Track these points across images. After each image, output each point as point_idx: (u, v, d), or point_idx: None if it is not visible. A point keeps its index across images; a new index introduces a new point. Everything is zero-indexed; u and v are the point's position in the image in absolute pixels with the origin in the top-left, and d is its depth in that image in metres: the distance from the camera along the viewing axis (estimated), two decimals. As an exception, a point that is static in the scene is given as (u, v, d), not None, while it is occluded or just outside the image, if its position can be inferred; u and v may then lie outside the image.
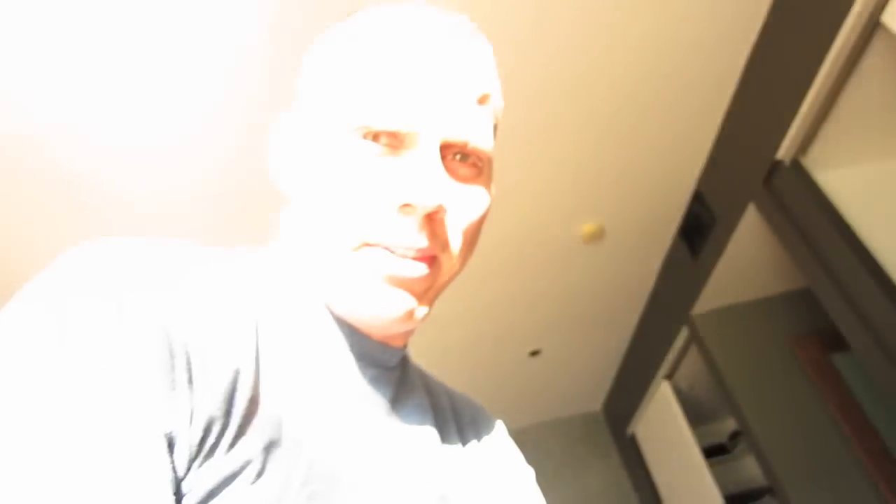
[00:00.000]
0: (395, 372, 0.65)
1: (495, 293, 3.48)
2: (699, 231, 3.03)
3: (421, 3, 0.60)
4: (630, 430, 4.55)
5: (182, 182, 2.40)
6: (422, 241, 0.55)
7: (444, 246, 0.57)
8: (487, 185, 0.62)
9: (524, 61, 2.26)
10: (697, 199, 2.99)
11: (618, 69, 2.37)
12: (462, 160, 0.58)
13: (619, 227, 3.14)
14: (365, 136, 0.55)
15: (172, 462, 0.42)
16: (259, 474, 0.46)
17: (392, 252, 0.55)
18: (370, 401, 0.59)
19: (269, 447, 0.48)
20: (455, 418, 0.75)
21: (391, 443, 0.59)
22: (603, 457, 4.88)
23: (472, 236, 0.61)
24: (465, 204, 0.58)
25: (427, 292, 0.58)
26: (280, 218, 0.66)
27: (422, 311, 0.58)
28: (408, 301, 0.56)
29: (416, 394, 0.68)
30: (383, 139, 0.55)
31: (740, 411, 3.03)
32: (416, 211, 0.54)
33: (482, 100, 0.59)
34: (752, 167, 2.55)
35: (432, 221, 0.56)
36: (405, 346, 0.69)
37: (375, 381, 0.61)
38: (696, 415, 3.89)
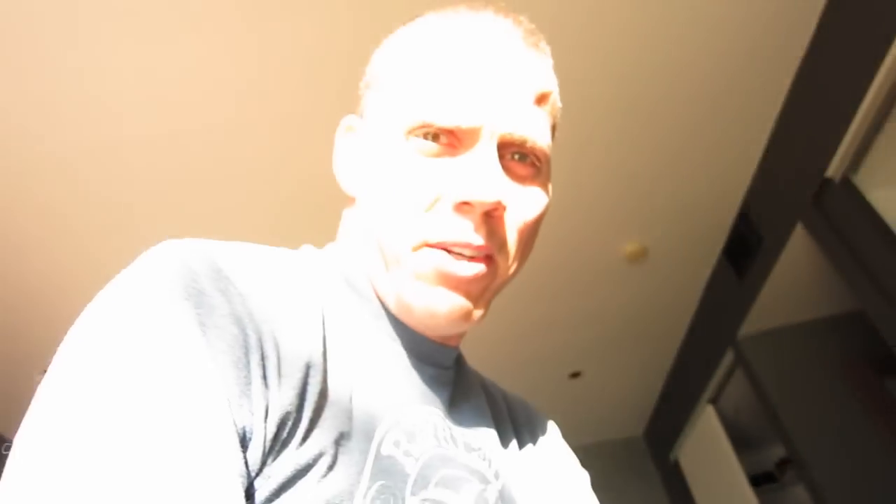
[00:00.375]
0: (450, 371, 0.65)
1: (536, 313, 3.45)
2: (745, 251, 2.97)
3: (479, 5, 0.61)
4: (673, 455, 4.44)
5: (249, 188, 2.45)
6: (478, 239, 0.55)
7: (502, 245, 0.57)
8: (545, 185, 0.62)
9: (567, 79, 2.25)
10: (743, 218, 2.94)
11: (661, 86, 2.35)
12: (520, 160, 0.58)
13: (662, 246, 3.10)
14: (425, 137, 0.56)
15: (245, 458, 0.43)
16: (330, 467, 0.46)
17: (450, 252, 0.55)
18: (429, 399, 0.59)
19: (340, 440, 0.48)
20: (511, 418, 0.74)
21: (452, 441, 0.59)
22: (645, 483, 4.77)
23: (529, 237, 0.61)
24: (522, 203, 0.58)
25: (483, 294, 0.58)
26: (343, 217, 0.67)
27: (478, 312, 0.58)
28: (464, 302, 0.56)
29: (472, 393, 0.68)
30: (442, 139, 0.56)
31: (789, 438, 2.93)
32: (474, 209, 0.54)
33: (541, 99, 0.59)
34: (799, 185, 2.49)
35: (490, 220, 0.56)
36: (458, 347, 0.69)
37: (433, 381, 0.61)
38: (743, 441, 3.78)
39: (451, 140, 0.56)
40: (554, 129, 0.65)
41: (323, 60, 2.03)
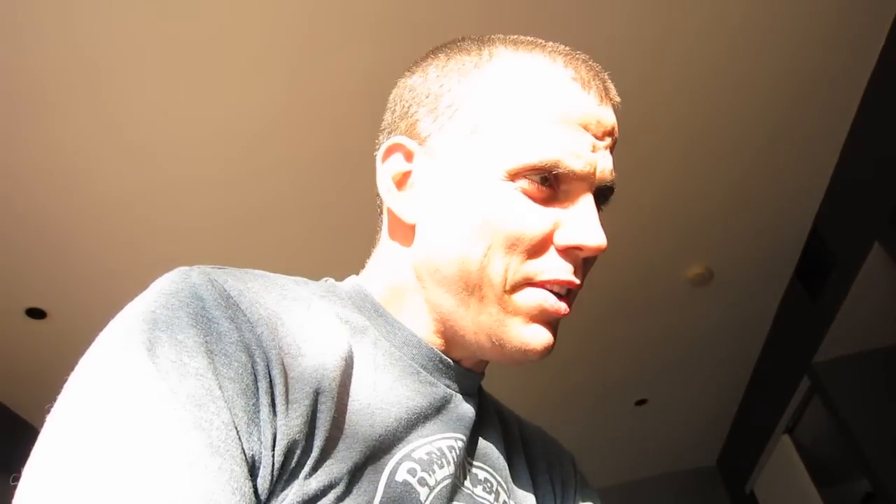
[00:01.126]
0: (475, 399, 0.64)
1: (599, 340, 3.39)
2: (818, 272, 2.84)
3: (552, 44, 0.62)
4: (749, 487, 4.24)
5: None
6: (579, 279, 0.59)
7: (581, 284, 0.61)
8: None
9: (634, 99, 2.23)
10: (815, 237, 2.82)
11: (727, 107, 2.29)
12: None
13: (727, 269, 3.00)
14: (532, 182, 0.57)
15: (255, 486, 0.42)
16: (340, 498, 0.46)
17: (550, 291, 0.58)
18: (452, 426, 0.59)
19: (353, 470, 0.47)
20: (525, 449, 0.73)
21: (465, 471, 0.59)
22: (719, 515, 4.57)
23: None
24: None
25: (557, 328, 0.61)
26: (384, 242, 0.65)
27: (555, 345, 0.61)
28: (552, 338, 0.59)
29: (490, 422, 0.68)
30: (550, 182, 0.57)
31: (873, 471, 2.76)
32: (582, 253, 0.58)
33: (615, 145, 0.63)
34: (875, 203, 2.38)
35: (582, 263, 0.59)
36: (483, 374, 0.68)
37: (457, 408, 0.61)
38: (824, 473, 3.58)
39: (554, 185, 0.58)
40: None
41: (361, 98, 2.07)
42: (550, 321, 0.59)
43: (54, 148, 2.13)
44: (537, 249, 0.57)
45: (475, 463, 0.61)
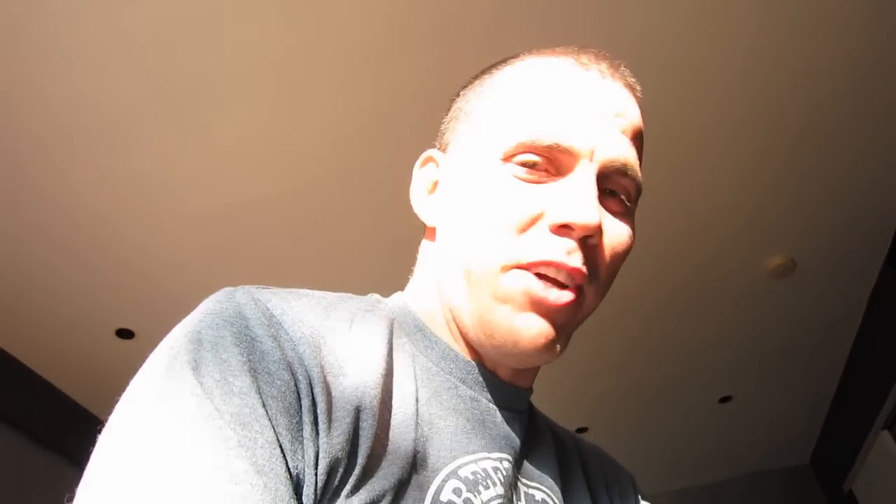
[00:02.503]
0: (524, 416, 0.63)
1: (677, 337, 3.30)
2: (912, 257, 2.68)
3: (579, 49, 0.62)
4: (847, 486, 4.03)
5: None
6: (575, 261, 0.54)
7: (593, 274, 0.56)
8: (633, 225, 0.61)
9: (708, 82, 2.17)
10: (906, 221, 2.66)
11: (804, 83, 2.19)
12: (611, 195, 0.58)
13: (811, 258, 2.86)
14: (523, 164, 0.56)
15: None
16: None
17: (542, 278, 0.54)
18: (499, 446, 0.57)
19: (397, 487, 0.47)
20: (584, 469, 0.71)
21: (516, 492, 0.57)
22: (816, 516, 4.36)
23: (615, 271, 0.60)
24: (614, 236, 0.58)
25: (567, 326, 0.57)
26: (420, 249, 0.67)
27: (559, 346, 0.56)
28: (549, 331, 0.55)
29: (542, 441, 0.66)
30: (541, 164, 0.56)
31: None
32: (573, 232, 0.54)
33: (636, 136, 0.60)
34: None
35: (585, 247, 0.55)
36: (531, 390, 0.66)
37: (504, 426, 0.59)
38: (930, 469, 3.36)
39: (548, 166, 0.56)
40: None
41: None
42: (547, 312, 0.54)
43: (134, 175, 2.24)
44: (526, 229, 0.55)
45: (531, 484, 0.60)
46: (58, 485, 2.83)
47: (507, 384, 0.61)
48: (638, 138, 0.60)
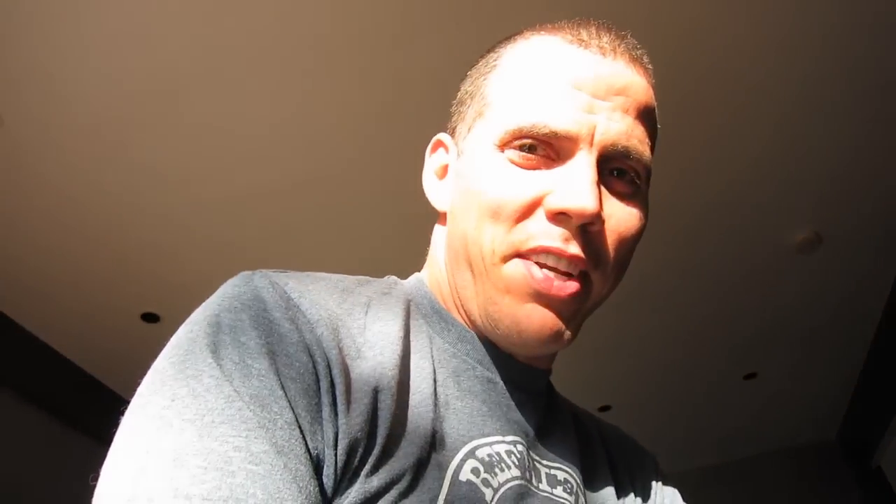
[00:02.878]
0: (542, 398, 0.62)
1: (700, 315, 3.27)
2: (942, 229, 2.62)
3: (583, 21, 0.60)
4: (875, 462, 3.99)
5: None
6: (573, 248, 0.53)
7: (598, 261, 0.55)
8: (644, 205, 0.59)
9: (719, 57, 2.13)
10: (936, 192, 2.60)
11: (829, 54, 2.14)
12: (619, 176, 0.56)
13: (838, 232, 2.81)
14: (520, 148, 0.55)
15: (320, 484, 0.43)
16: (404, 493, 0.46)
17: (544, 265, 0.53)
18: (515, 428, 0.57)
19: (416, 466, 0.47)
20: (606, 451, 0.70)
21: (535, 474, 0.57)
22: (843, 491, 4.33)
23: (626, 256, 0.58)
24: (621, 219, 0.56)
25: (575, 315, 0.56)
26: (433, 234, 0.67)
27: (568, 334, 0.55)
28: (555, 322, 0.54)
29: (562, 423, 0.65)
30: (539, 150, 0.55)
31: None
32: (570, 220, 0.52)
33: (642, 113, 0.57)
34: None
35: (586, 234, 0.54)
36: (550, 371, 0.66)
37: (521, 407, 0.59)
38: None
39: (547, 151, 0.55)
40: (652, 149, 0.60)
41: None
42: (550, 302, 0.53)
43: (158, 163, 2.25)
44: (524, 217, 0.54)
45: (552, 464, 0.60)
46: (84, 463, 2.89)
47: (523, 365, 0.61)
48: (644, 114, 0.57)
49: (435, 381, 0.54)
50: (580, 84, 0.55)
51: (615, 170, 0.56)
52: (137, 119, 2.11)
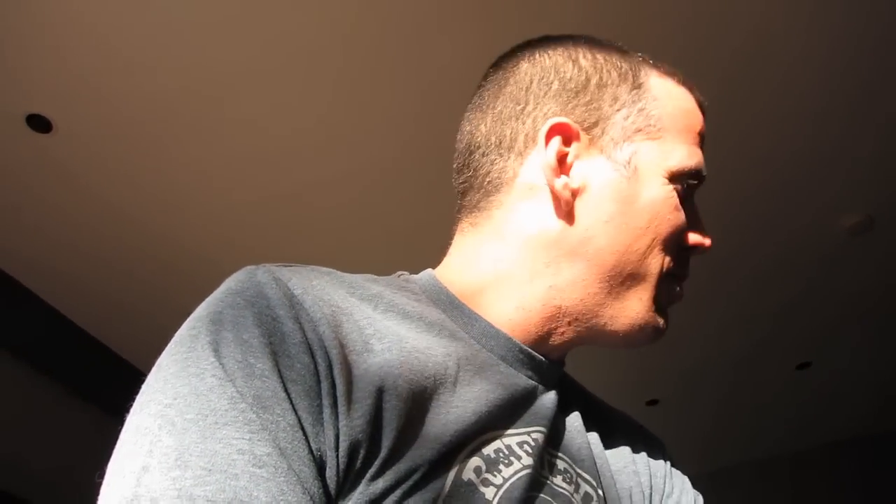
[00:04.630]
0: (555, 390, 0.62)
1: (750, 304, 3.20)
2: None
3: (672, 68, 0.69)
4: (940, 449, 3.84)
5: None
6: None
7: None
8: None
9: (767, 43, 2.08)
10: None
11: (875, 35, 2.08)
12: None
13: (889, 213, 2.72)
14: (684, 186, 0.63)
15: (324, 485, 0.43)
16: (408, 494, 0.46)
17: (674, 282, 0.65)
18: (530, 420, 0.57)
19: (426, 466, 0.47)
20: (611, 435, 0.70)
21: (548, 465, 0.57)
22: (907, 482, 4.18)
23: None
24: None
25: None
26: (483, 234, 0.64)
27: None
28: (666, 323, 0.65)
29: (573, 410, 0.66)
30: (689, 187, 0.64)
31: None
32: (700, 251, 0.66)
33: None
34: None
35: None
36: (564, 361, 0.67)
37: (536, 399, 0.60)
38: None
39: (691, 190, 0.65)
40: None
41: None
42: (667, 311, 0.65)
43: (191, 164, 2.30)
44: (679, 245, 0.64)
45: (557, 454, 0.60)
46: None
47: (545, 361, 0.62)
48: None
49: (455, 377, 0.53)
50: (701, 142, 0.67)
51: None
52: (180, 119, 2.16)
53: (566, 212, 0.61)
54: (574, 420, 0.65)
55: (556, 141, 0.62)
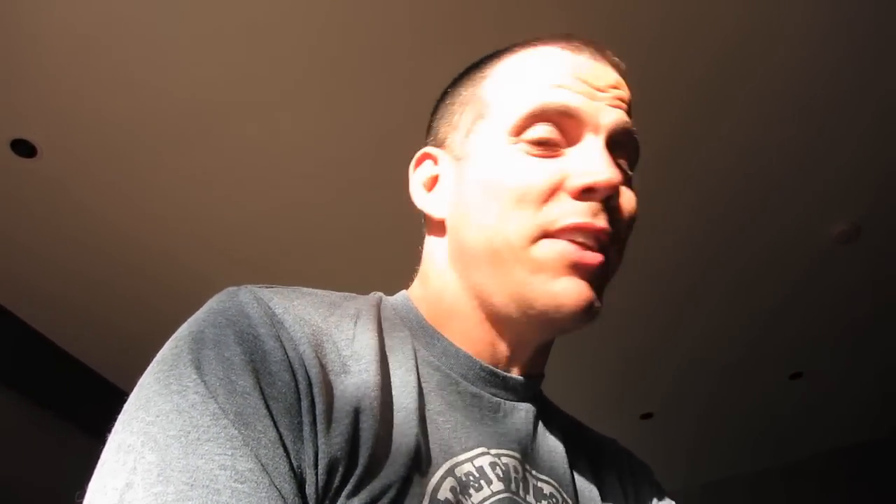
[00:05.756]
0: (531, 410, 0.62)
1: (738, 313, 3.20)
2: None
3: (560, 33, 0.64)
4: (934, 456, 3.85)
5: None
6: (602, 222, 0.56)
7: (616, 236, 0.58)
8: (636, 192, 0.63)
9: (740, 47, 2.10)
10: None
11: (862, 45, 2.10)
12: (618, 161, 0.60)
13: (878, 221, 2.74)
14: (531, 143, 0.58)
15: (305, 502, 0.44)
16: None
17: (573, 242, 0.56)
18: (504, 441, 0.58)
19: (399, 484, 0.47)
20: (596, 461, 0.70)
21: (524, 486, 0.56)
22: (901, 490, 4.18)
23: (628, 237, 0.62)
24: (626, 200, 0.60)
25: (602, 287, 0.58)
26: (427, 245, 0.67)
27: (598, 304, 0.57)
28: (590, 292, 0.56)
29: (555, 433, 0.65)
30: (551, 137, 0.58)
31: None
32: (596, 193, 0.56)
33: (630, 107, 0.62)
34: None
35: (608, 209, 0.57)
36: (541, 377, 0.66)
37: (511, 417, 0.60)
38: None
39: (559, 139, 0.58)
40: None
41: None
42: (584, 274, 0.55)
43: (195, 180, 2.29)
44: (549, 199, 0.56)
45: (540, 476, 0.59)
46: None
47: (511, 377, 0.61)
48: (631, 112, 0.62)
49: (419, 395, 0.54)
50: (581, 76, 0.59)
51: (617, 154, 0.60)
52: (165, 141, 2.16)
53: (439, 224, 0.64)
54: (557, 443, 0.64)
55: (426, 166, 0.67)
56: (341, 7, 1.84)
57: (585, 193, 0.55)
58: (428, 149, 0.68)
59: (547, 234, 0.56)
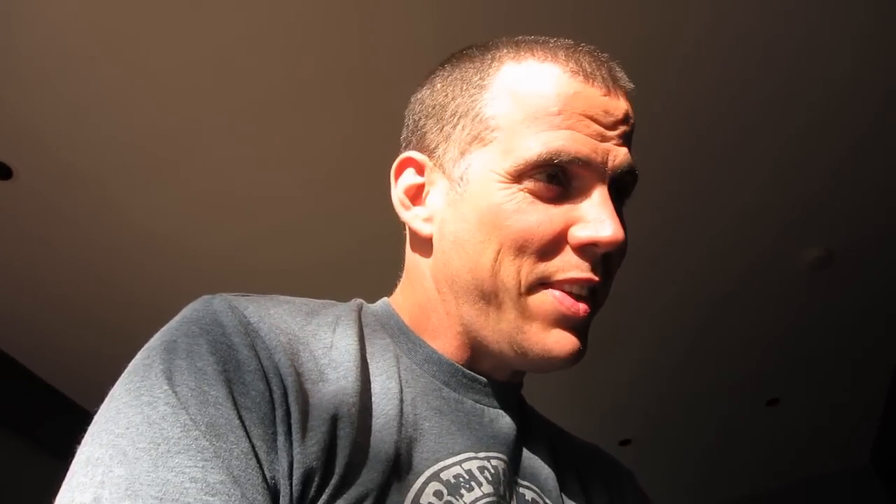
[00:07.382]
0: (514, 415, 0.62)
1: (714, 340, 3.21)
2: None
3: (556, 40, 0.61)
4: (912, 483, 3.86)
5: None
6: (599, 275, 0.56)
7: (608, 278, 0.58)
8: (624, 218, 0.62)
9: (723, 73, 2.12)
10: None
11: (835, 69, 2.14)
12: (618, 197, 0.59)
13: (849, 247, 2.77)
14: (540, 180, 0.55)
15: None
16: None
17: (565, 293, 0.55)
18: (488, 445, 0.57)
19: (377, 492, 0.47)
20: (579, 467, 0.69)
21: (508, 490, 0.56)
22: (881, 517, 4.18)
23: (616, 271, 0.61)
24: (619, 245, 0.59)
25: (587, 331, 0.58)
26: (410, 258, 0.65)
27: (583, 350, 0.58)
28: (577, 343, 0.56)
29: (538, 439, 0.65)
30: (555, 181, 0.56)
31: None
32: (598, 248, 0.55)
33: (633, 133, 0.61)
34: None
35: (604, 256, 0.57)
36: (521, 384, 0.66)
37: (495, 422, 0.59)
38: None
39: (564, 182, 0.56)
40: None
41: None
42: (573, 325, 0.56)
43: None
44: (550, 249, 0.55)
45: (522, 482, 0.59)
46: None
47: (497, 383, 0.61)
48: (633, 134, 0.61)
49: (401, 401, 0.54)
50: (592, 113, 0.56)
51: (616, 191, 0.59)
52: (144, 165, 2.13)
53: (425, 241, 0.62)
54: (541, 449, 0.64)
55: (409, 174, 0.63)
56: (319, 30, 1.85)
57: (588, 247, 0.55)
58: (413, 154, 0.63)
59: (544, 284, 0.55)
